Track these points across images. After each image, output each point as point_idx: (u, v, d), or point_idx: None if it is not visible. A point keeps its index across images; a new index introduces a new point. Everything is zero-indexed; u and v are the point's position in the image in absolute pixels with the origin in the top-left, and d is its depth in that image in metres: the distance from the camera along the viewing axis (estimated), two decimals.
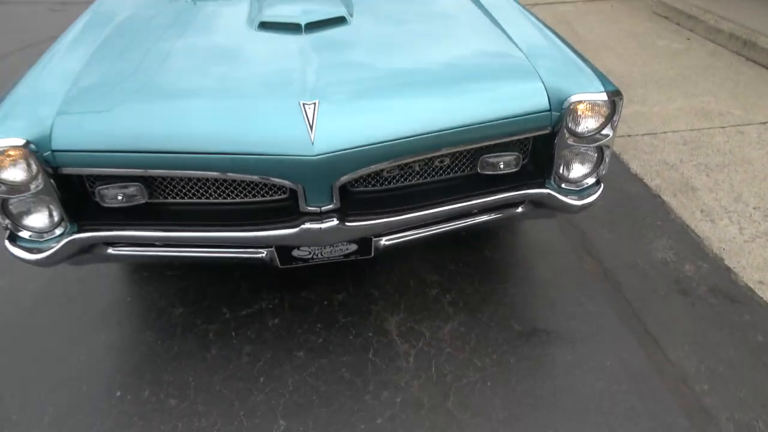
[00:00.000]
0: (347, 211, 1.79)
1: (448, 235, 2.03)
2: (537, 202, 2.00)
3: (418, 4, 2.47)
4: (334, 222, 1.75)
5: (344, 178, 1.70)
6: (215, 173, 1.68)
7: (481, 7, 2.37)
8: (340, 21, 2.14)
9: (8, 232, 1.77)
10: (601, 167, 1.96)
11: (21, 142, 1.59)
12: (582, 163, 1.95)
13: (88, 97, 1.75)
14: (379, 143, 1.67)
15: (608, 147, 1.91)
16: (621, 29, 5.27)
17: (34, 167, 1.63)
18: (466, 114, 1.77)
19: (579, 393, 1.89)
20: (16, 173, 1.64)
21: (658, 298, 2.27)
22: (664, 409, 1.83)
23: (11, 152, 1.60)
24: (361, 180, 1.87)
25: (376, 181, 1.90)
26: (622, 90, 3.92)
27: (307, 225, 1.74)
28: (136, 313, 2.27)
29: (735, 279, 2.35)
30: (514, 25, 2.19)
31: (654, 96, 3.94)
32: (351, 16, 2.20)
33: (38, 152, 1.62)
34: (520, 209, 2.04)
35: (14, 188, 1.66)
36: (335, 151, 1.63)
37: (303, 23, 2.05)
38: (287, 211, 1.81)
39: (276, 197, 1.86)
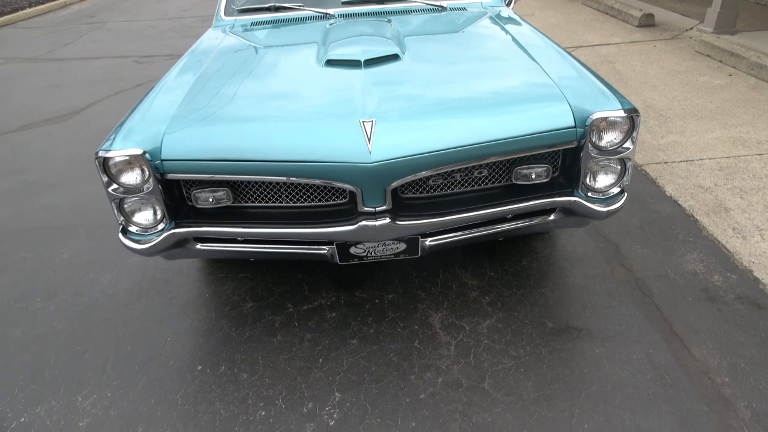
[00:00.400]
0: (398, 213, 2.10)
1: (488, 238, 2.30)
2: (567, 210, 2.24)
3: (462, 42, 2.83)
4: (387, 220, 2.06)
5: (396, 183, 2.01)
6: (290, 178, 2.03)
7: (518, 44, 2.69)
8: (393, 58, 2.50)
9: (121, 226, 2.18)
10: (625, 178, 2.20)
11: (139, 152, 2.00)
12: (606, 173, 2.19)
13: (190, 118, 2.17)
14: (425, 153, 1.99)
15: (629, 159, 2.16)
16: (663, 68, 5.47)
17: (147, 172, 2.04)
18: (502, 130, 2.06)
19: (605, 380, 2.08)
20: (133, 177, 2.05)
21: (686, 304, 2.43)
22: (684, 397, 1.99)
23: (131, 160, 2.02)
24: (411, 187, 2.19)
25: (424, 189, 2.21)
26: (662, 122, 4.15)
27: (364, 222, 2.06)
28: (213, 306, 2.63)
29: (763, 288, 2.48)
30: (546, 58, 2.49)
31: (692, 127, 4.11)
32: (403, 53, 2.57)
33: (151, 161, 2.02)
34: (552, 217, 2.29)
35: (129, 190, 2.07)
36: (388, 159, 1.96)
37: (362, 60, 2.43)
38: (347, 212, 2.14)
39: (337, 202, 2.20)
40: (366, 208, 2.07)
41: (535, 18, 8.07)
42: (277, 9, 3.37)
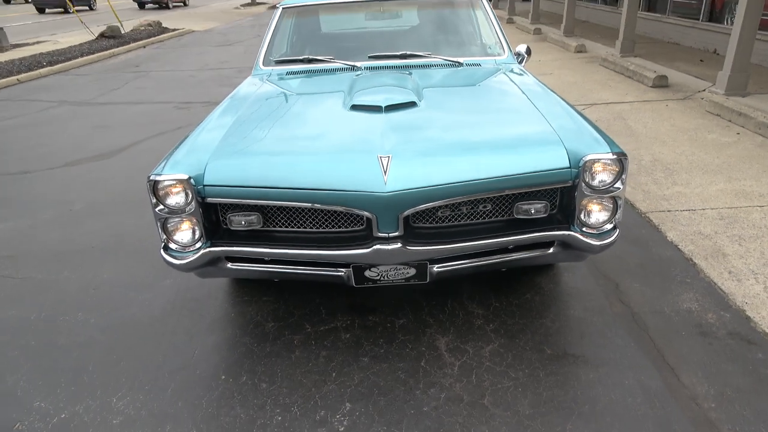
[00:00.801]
0: (409, 239, 2.34)
1: (492, 268, 2.51)
2: (565, 244, 2.45)
3: (474, 93, 3.14)
4: (399, 245, 2.29)
5: (408, 211, 2.26)
6: (315, 204, 2.30)
7: (524, 95, 2.97)
8: (411, 105, 2.80)
9: (163, 244, 2.46)
10: (617, 215, 2.41)
11: (185, 176, 2.30)
12: (599, 211, 2.41)
13: (230, 151, 2.47)
14: (434, 186, 2.24)
15: (620, 198, 2.38)
16: (673, 125, 5.72)
17: (190, 195, 2.33)
18: (504, 168, 2.31)
19: (597, 401, 2.22)
20: (178, 199, 2.34)
21: (679, 337, 2.57)
22: (672, 418, 2.12)
23: (177, 184, 2.31)
24: (422, 217, 2.43)
25: (434, 219, 2.45)
26: (668, 175, 4.37)
27: (378, 246, 2.30)
28: (238, 325, 2.86)
29: (754, 326, 2.61)
30: (548, 108, 2.76)
31: (697, 180, 4.31)
32: (420, 101, 2.87)
33: (195, 185, 2.32)
34: (551, 250, 2.50)
35: (174, 210, 2.36)
36: (401, 190, 2.21)
37: (383, 105, 2.73)
38: (363, 238, 2.38)
39: (355, 229, 2.45)
40: (380, 234, 2.31)
41: (553, 77, 8.46)
42: (310, 61, 3.75)
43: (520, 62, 3.88)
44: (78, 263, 3.57)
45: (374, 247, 2.30)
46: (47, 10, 21.00)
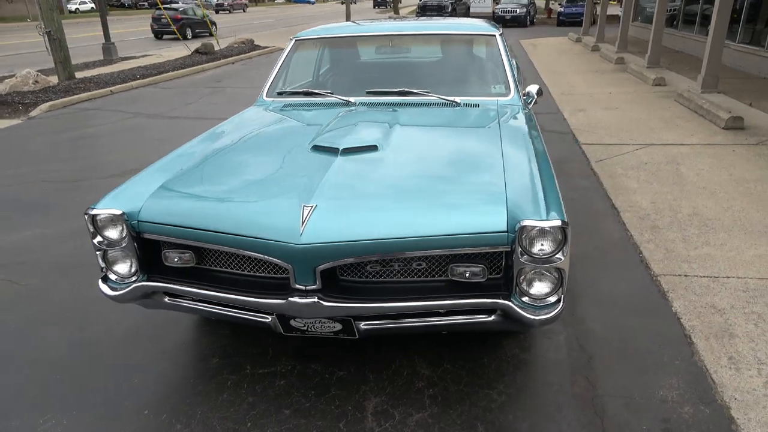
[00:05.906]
0: (328, 293, 2.22)
1: (425, 330, 2.33)
2: (507, 314, 2.22)
3: (447, 139, 2.97)
4: (315, 299, 2.18)
5: (324, 265, 2.15)
6: (238, 250, 2.24)
7: (498, 147, 2.71)
8: (372, 148, 2.69)
9: (103, 274, 2.51)
10: (561, 288, 2.15)
11: (119, 212, 2.34)
12: (541, 281, 2.16)
13: (172, 190, 2.49)
14: (351, 242, 2.12)
15: (564, 269, 2.12)
16: (731, 174, 5.12)
17: (124, 230, 2.36)
18: (432, 227, 2.14)
19: None
20: (113, 233, 2.39)
21: None
22: None
23: (112, 219, 2.36)
24: (349, 270, 2.30)
25: (363, 273, 2.31)
26: (702, 232, 3.92)
27: (293, 299, 2.20)
28: (188, 356, 2.86)
29: (735, 429, 2.22)
30: (514, 166, 2.49)
31: (735, 241, 3.80)
32: (385, 145, 2.73)
33: (128, 220, 2.35)
34: (492, 317, 2.27)
35: (111, 243, 2.41)
36: (315, 243, 2.11)
37: (340, 148, 2.64)
38: (285, 287, 2.29)
39: (279, 276, 2.36)
40: (298, 285, 2.21)
41: (618, 112, 7.92)
42: (309, 94, 3.75)
43: (529, 103, 3.64)
44: (76, 275, 3.76)
45: (289, 299, 2.21)
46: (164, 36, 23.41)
